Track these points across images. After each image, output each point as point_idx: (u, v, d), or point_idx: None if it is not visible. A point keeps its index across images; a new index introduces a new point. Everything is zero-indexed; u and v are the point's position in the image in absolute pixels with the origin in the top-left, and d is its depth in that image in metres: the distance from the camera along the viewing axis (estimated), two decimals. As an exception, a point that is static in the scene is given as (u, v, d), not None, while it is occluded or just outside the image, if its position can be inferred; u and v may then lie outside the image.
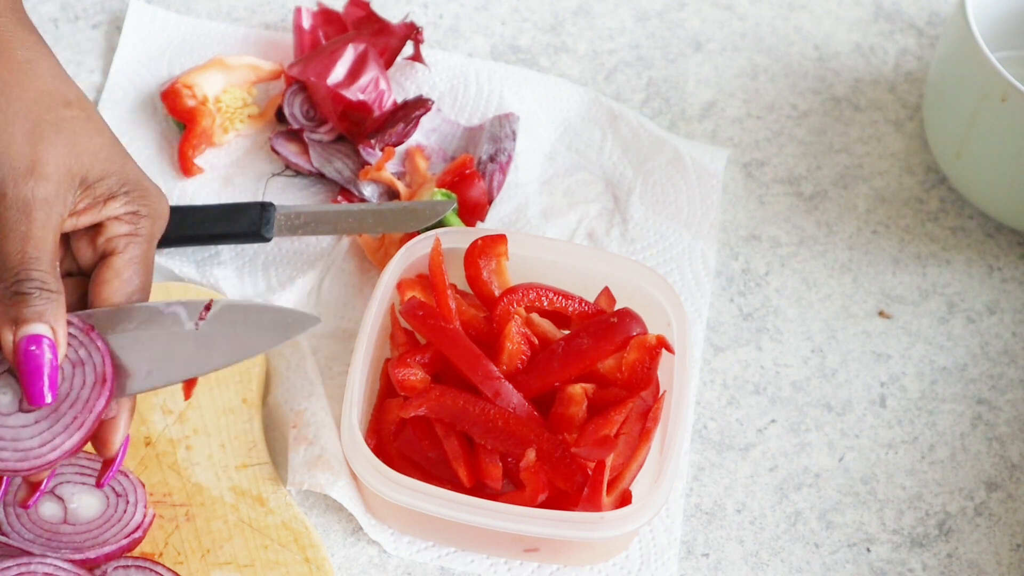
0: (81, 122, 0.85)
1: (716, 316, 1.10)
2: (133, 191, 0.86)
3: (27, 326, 0.80)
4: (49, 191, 0.81)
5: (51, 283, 0.81)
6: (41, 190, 0.81)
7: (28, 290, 0.80)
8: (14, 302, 0.80)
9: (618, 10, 1.27)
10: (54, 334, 0.80)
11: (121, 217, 0.85)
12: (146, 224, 0.86)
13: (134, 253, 0.85)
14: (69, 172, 0.83)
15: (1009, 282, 1.14)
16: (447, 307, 0.99)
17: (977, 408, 1.07)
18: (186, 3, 1.22)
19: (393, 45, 1.16)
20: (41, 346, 0.80)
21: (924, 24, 1.29)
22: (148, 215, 0.86)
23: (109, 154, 0.85)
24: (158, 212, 0.87)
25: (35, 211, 0.81)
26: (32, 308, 0.80)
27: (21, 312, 0.80)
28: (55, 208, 0.82)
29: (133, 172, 0.86)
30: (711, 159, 1.16)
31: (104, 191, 0.85)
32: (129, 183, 0.86)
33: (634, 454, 0.96)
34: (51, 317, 0.80)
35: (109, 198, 0.85)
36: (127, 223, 0.85)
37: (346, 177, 1.11)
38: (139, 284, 0.85)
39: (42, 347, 0.80)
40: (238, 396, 1.00)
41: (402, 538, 0.97)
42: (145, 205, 0.86)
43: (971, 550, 1.01)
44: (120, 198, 0.85)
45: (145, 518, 0.92)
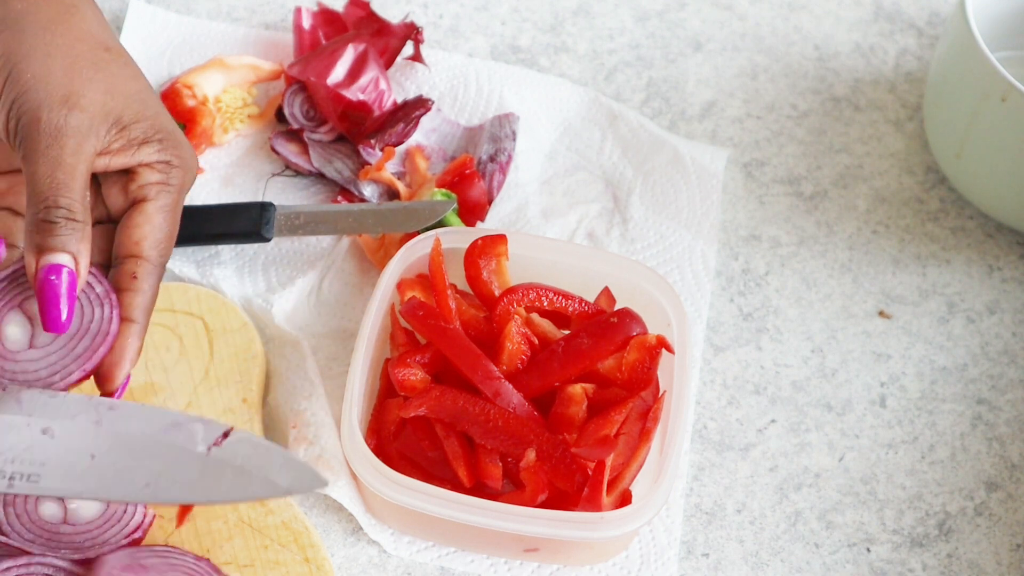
0: (119, 66, 0.86)
1: (716, 316, 1.10)
2: (166, 140, 0.87)
3: (50, 255, 0.81)
4: (83, 121, 0.83)
5: (78, 212, 0.82)
6: (74, 119, 0.82)
7: (55, 219, 0.81)
8: (40, 229, 0.81)
9: (618, 10, 1.27)
10: (76, 264, 0.82)
11: (153, 165, 0.86)
12: (177, 175, 0.87)
13: (165, 201, 0.87)
14: (104, 108, 0.84)
15: (1009, 282, 1.14)
16: (447, 307, 0.99)
17: (977, 408, 1.07)
18: (186, 3, 1.22)
19: (393, 45, 1.16)
20: (60, 275, 0.81)
21: (924, 24, 1.29)
22: (180, 166, 0.87)
23: (145, 100, 0.87)
24: (189, 165, 0.88)
25: (67, 138, 0.82)
26: (57, 238, 0.81)
27: (46, 240, 0.81)
28: (88, 139, 0.83)
29: (167, 122, 0.88)
30: (711, 159, 1.16)
31: (138, 134, 0.85)
32: (163, 131, 0.87)
33: (634, 454, 0.96)
34: (75, 247, 0.82)
35: (143, 142, 0.86)
36: (159, 171, 0.87)
37: (346, 177, 1.11)
38: (167, 233, 0.87)
39: (61, 276, 0.81)
40: (238, 396, 1.00)
41: (402, 538, 0.97)
42: (178, 156, 0.87)
43: (971, 550, 1.01)
44: (153, 144, 0.86)
45: (145, 519, 0.92)
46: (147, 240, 0.86)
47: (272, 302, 1.05)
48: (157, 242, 0.86)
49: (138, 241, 0.86)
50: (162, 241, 0.86)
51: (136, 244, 0.86)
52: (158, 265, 0.86)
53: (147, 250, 0.86)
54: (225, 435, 0.82)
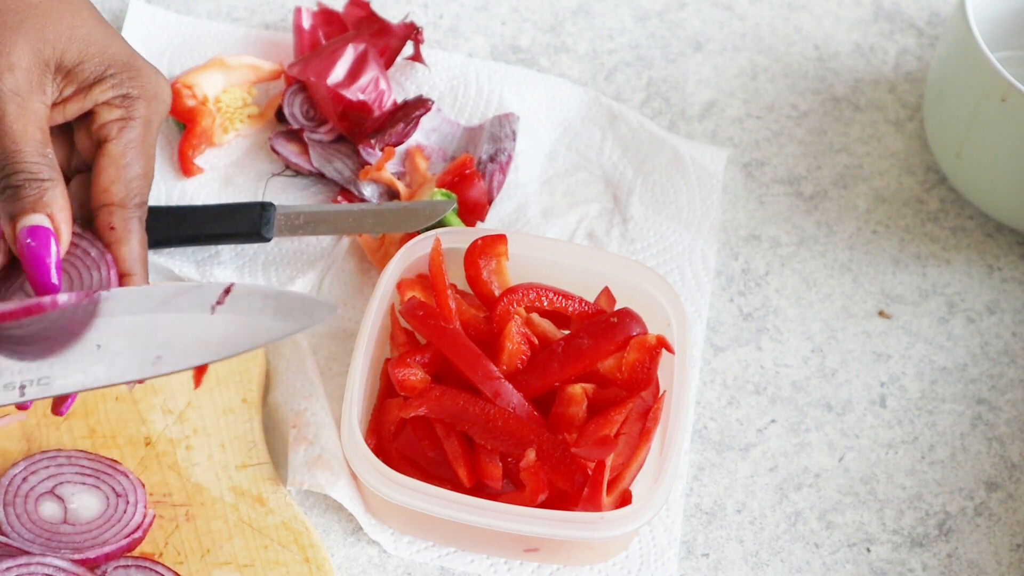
0: (52, 7, 0.81)
1: (716, 316, 1.10)
2: (121, 72, 0.82)
3: (23, 218, 0.78)
4: (18, 81, 0.79)
5: (42, 172, 0.79)
6: (7, 82, 0.79)
7: (17, 183, 0.78)
8: (6, 197, 0.79)
9: (618, 10, 1.27)
10: (52, 222, 0.79)
11: (111, 102, 0.82)
12: (140, 106, 0.82)
13: (129, 137, 0.82)
14: (40, 59, 0.80)
15: (1009, 282, 1.14)
16: (447, 307, 0.99)
17: (977, 408, 1.07)
18: (186, 3, 1.22)
19: (393, 45, 1.16)
20: (38, 236, 0.78)
21: (924, 24, 1.29)
22: (141, 96, 0.83)
23: (87, 35, 0.82)
24: (153, 92, 0.83)
25: (5, 104, 0.79)
26: (23, 200, 0.78)
27: (15, 206, 0.78)
28: (29, 98, 0.79)
29: (120, 52, 0.83)
30: (711, 159, 1.16)
31: (88, 75, 0.81)
32: (115, 64, 0.82)
33: (634, 454, 0.96)
34: (46, 205, 0.78)
35: (95, 82, 0.81)
36: (118, 107, 0.82)
37: (346, 177, 1.11)
38: (139, 170, 0.82)
39: (39, 237, 0.78)
40: (238, 396, 1.00)
41: (402, 538, 0.97)
42: (137, 86, 0.82)
43: (971, 550, 1.01)
44: (107, 81, 0.82)
45: (145, 519, 0.92)
46: (116, 184, 0.81)
47: (273, 301, 1.05)
48: (127, 183, 0.82)
49: (107, 188, 0.81)
50: (133, 180, 0.82)
51: (105, 191, 0.81)
52: (134, 207, 0.82)
53: (118, 194, 0.82)
54: (226, 292, 0.80)
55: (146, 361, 0.79)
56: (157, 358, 0.79)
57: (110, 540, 0.91)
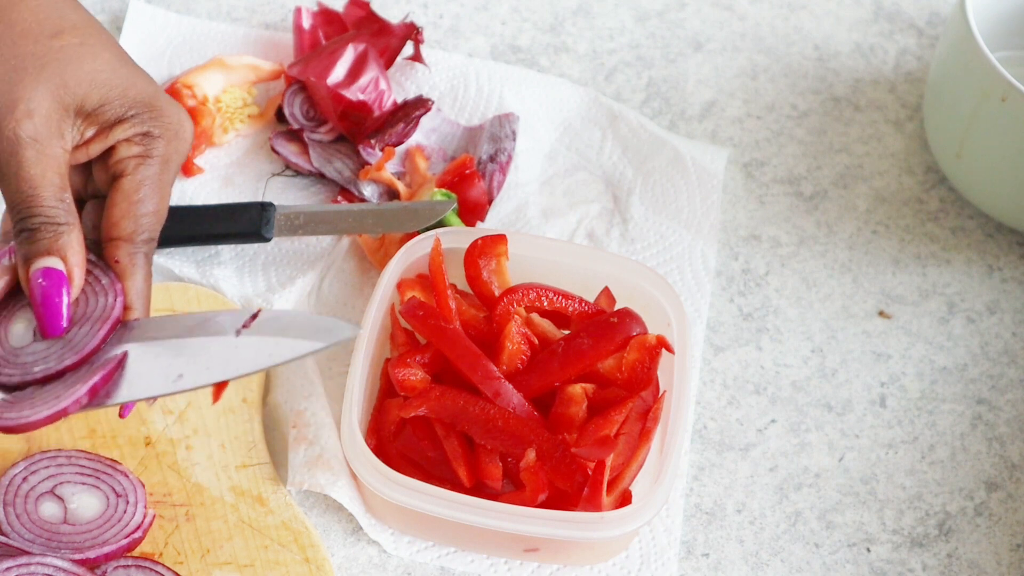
0: (72, 50, 0.82)
1: (716, 316, 1.10)
2: (143, 112, 0.83)
3: (37, 261, 0.80)
4: (37, 128, 0.80)
5: (58, 216, 0.80)
6: (26, 128, 0.80)
7: (33, 226, 0.80)
8: (22, 239, 0.80)
9: (618, 10, 1.27)
10: (65, 264, 0.80)
11: (131, 139, 0.83)
12: (159, 145, 0.84)
13: (145, 174, 0.83)
14: (60, 105, 0.81)
15: (1009, 282, 1.14)
16: (447, 307, 0.99)
17: (977, 408, 1.07)
18: (186, 3, 1.22)
19: (393, 45, 1.16)
20: (50, 278, 0.79)
21: (924, 24, 1.29)
22: (162, 135, 0.84)
23: (107, 79, 0.83)
24: (174, 131, 0.84)
25: (23, 150, 0.80)
26: (39, 243, 0.80)
27: (30, 248, 0.80)
28: (47, 144, 0.80)
29: (142, 93, 0.84)
30: (711, 159, 1.16)
31: (110, 116, 0.82)
32: (137, 104, 0.83)
33: (634, 454, 0.96)
34: (61, 249, 0.80)
35: (116, 122, 0.83)
36: (137, 144, 0.83)
37: (346, 177, 1.11)
38: (151, 207, 0.83)
39: (51, 279, 0.79)
40: (238, 396, 1.00)
41: (402, 538, 0.97)
42: (158, 125, 0.83)
43: (971, 550, 1.01)
44: (129, 121, 0.83)
45: (145, 519, 0.92)
46: (126, 219, 0.82)
47: (272, 302, 1.05)
48: (137, 218, 0.82)
49: (116, 222, 0.82)
50: (143, 217, 0.83)
51: (115, 225, 0.83)
52: (142, 243, 0.83)
53: (126, 229, 0.83)
54: (254, 317, 0.81)
55: (169, 378, 0.81)
56: (179, 376, 0.81)
57: (110, 540, 0.91)
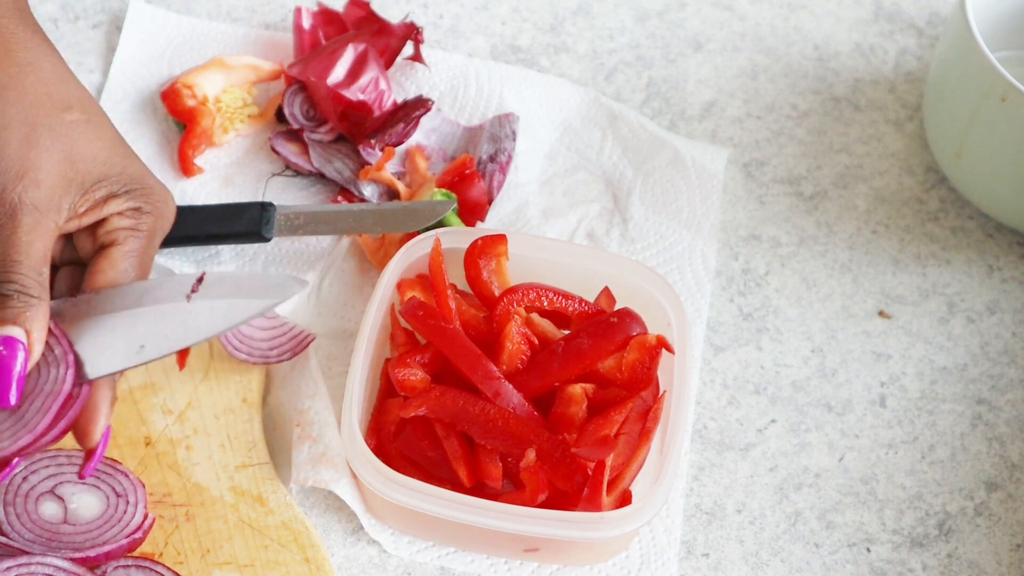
0: (80, 126, 0.85)
1: (716, 316, 1.10)
2: (136, 190, 0.86)
3: (1, 327, 0.80)
4: (40, 197, 0.82)
5: (32, 288, 0.81)
6: (31, 195, 0.81)
7: (7, 292, 0.80)
8: None
9: (618, 10, 1.27)
10: (28, 338, 0.80)
11: (123, 212, 0.85)
12: (148, 220, 0.86)
13: (133, 246, 0.85)
14: (64, 179, 0.83)
15: (1009, 282, 1.14)
16: (447, 307, 0.99)
17: (977, 408, 1.07)
18: (186, 3, 1.22)
19: (393, 45, 1.16)
20: (10, 347, 0.79)
21: (924, 24, 1.29)
22: (151, 212, 0.86)
23: (108, 157, 0.85)
24: (161, 210, 0.87)
25: (22, 216, 0.81)
26: (7, 311, 0.80)
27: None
28: (46, 215, 0.82)
29: (136, 171, 0.86)
30: (711, 159, 1.16)
31: (103, 193, 0.85)
32: (131, 182, 0.86)
33: (634, 454, 0.96)
34: (27, 321, 0.80)
35: (109, 197, 0.85)
36: (129, 218, 0.86)
37: (346, 177, 1.11)
38: (134, 277, 0.85)
39: (10, 348, 0.79)
40: (238, 396, 1.00)
41: (402, 538, 0.97)
42: (148, 202, 0.86)
43: (971, 550, 1.01)
44: (122, 197, 0.85)
45: (145, 520, 0.92)
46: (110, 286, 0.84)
47: (272, 302, 1.05)
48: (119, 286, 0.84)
49: (100, 286, 0.84)
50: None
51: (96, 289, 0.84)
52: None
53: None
54: (199, 280, 0.83)
55: (131, 351, 0.82)
56: (141, 347, 0.82)
57: (110, 540, 0.91)
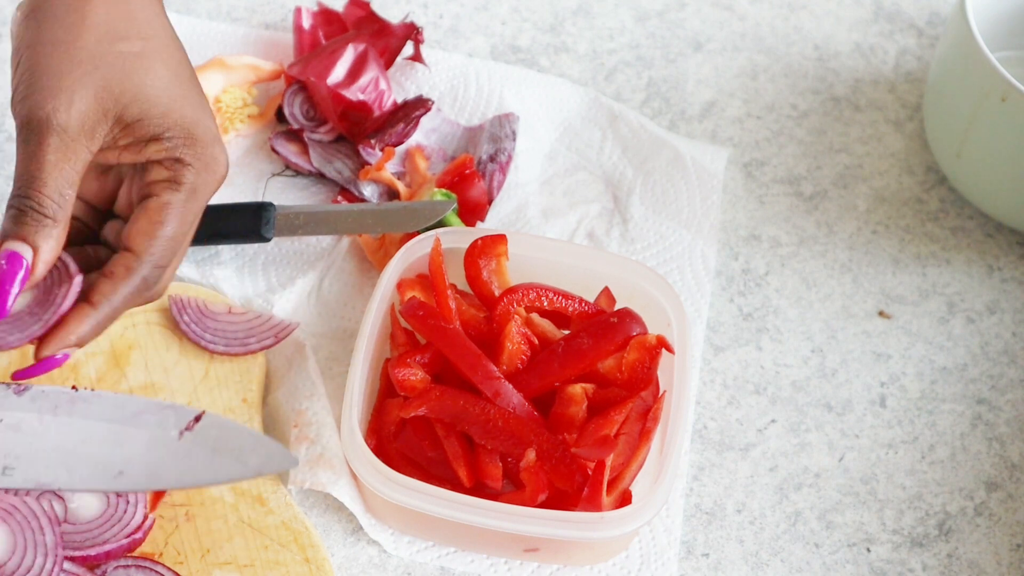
0: (131, 59, 0.83)
1: (716, 316, 1.10)
2: (178, 136, 0.84)
3: (10, 242, 0.79)
4: (70, 121, 0.80)
5: (48, 208, 0.80)
6: (61, 117, 0.80)
7: (23, 207, 0.80)
8: (8, 216, 0.80)
9: (618, 10, 1.27)
10: (34, 256, 0.80)
11: (162, 162, 0.84)
12: (189, 174, 0.84)
13: (170, 199, 0.83)
14: (100, 107, 0.82)
15: (1009, 282, 1.14)
16: (447, 307, 0.99)
17: (977, 408, 1.08)
18: (186, 3, 1.22)
19: (393, 45, 1.16)
20: (13, 262, 0.79)
21: (924, 24, 1.29)
22: (192, 164, 0.84)
23: (154, 94, 0.83)
24: (206, 163, 0.84)
25: (49, 136, 0.80)
26: (22, 227, 0.79)
27: (9, 227, 0.80)
28: (76, 139, 0.81)
29: (183, 118, 0.84)
30: (711, 159, 1.16)
31: (144, 132, 0.83)
32: (175, 127, 0.84)
33: (634, 454, 0.96)
34: (37, 239, 0.80)
35: (151, 139, 0.83)
36: (168, 168, 0.84)
37: (346, 177, 1.11)
38: (170, 232, 0.83)
39: (13, 263, 0.79)
40: (238, 396, 1.00)
41: (402, 538, 0.97)
42: (190, 154, 0.84)
43: (971, 550, 1.01)
44: (163, 141, 0.83)
45: (146, 520, 0.92)
46: (141, 235, 0.83)
47: (272, 302, 1.05)
48: (152, 239, 0.83)
49: (132, 235, 0.83)
50: (158, 239, 0.83)
51: (129, 237, 0.83)
52: (147, 264, 0.83)
53: (138, 245, 0.83)
54: (197, 419, 0.82)
55: (108, 474, 0.82)
56: (119, 473, 0.82)
57: (110, 540, 0.91)
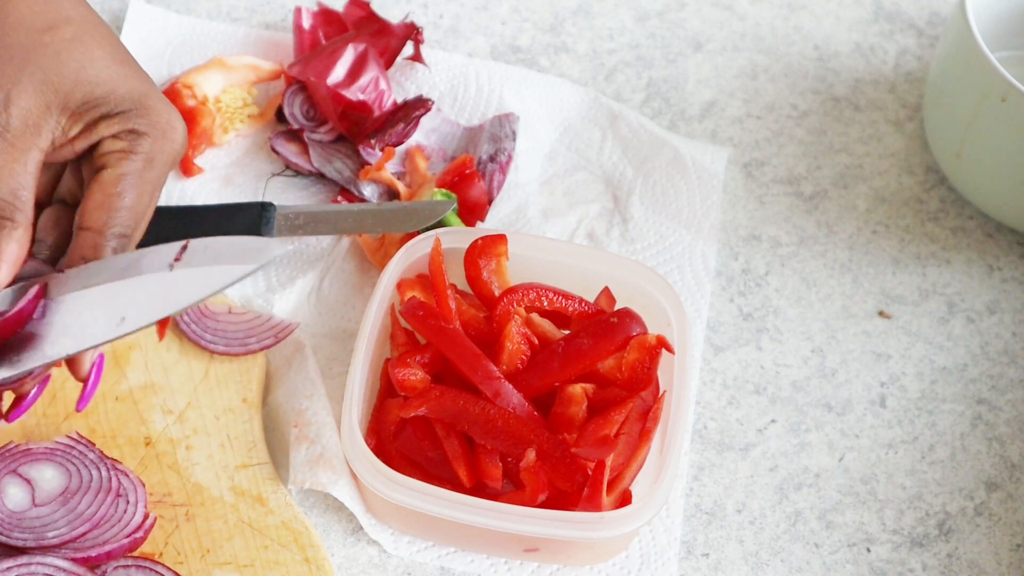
0: (63, 45, 0.81)
1: (716, 316, 1.10)
2: (130, 109, 0.81)
3: None
4: (12, 120, 0.79)
5: (5, 210, 0.79)
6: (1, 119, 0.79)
7: None
8: None
9: (618, 10, 1.27)
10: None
11: (117, 135, 0.82)
12: (145, 143, 0.82)
13: (126, 169, 0.81)
14: (42, 102, 0.80)
15: (1009, 282, 1.14)
16: (447, 307, 0.99)
17: (977, 408, 1.07)
18: (186, 3, 1.22)
19: (393, 45, 1.16)
20: None
21: (924, 24, 1.29)
22: (148, 133, 0.82)
23: (96, 75, 0.81)
24: (162, 131, 0.82)
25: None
26: None
27: None
28: (22, 137, 0.79)
29: (132, 91, 0.82)
30: (711, 159, 1.16)
31: (95, 115, 0.81)
32: (125, 101, 0.82)
33: (634, 454, 0.96)
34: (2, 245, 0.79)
35: (100, 119, 0.81)
36: (122, 140, 0.81)
37: (346, 177, 1.11)
38: (129, 203, 0.81)
39: None
40: (238, 396, 1.00)
41: (402, 538, 0.97)
42: (144, 124, 0.82)
43: (971, 550, 1.01)
44: (114, 117, 0.81)
45: (146, 519, 0.92)
46: (100, 209, 0.80)
47: (272, 302, 1.05)
48: (111, 211, 0.81)
49: (89, 211, 0.81)
50: (118, 210, 0.81)
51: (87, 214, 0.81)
52: (113, 237, 0.81)
53: (98, 220, 0.81)
54: (184, 248, 0.80)
55: (111, 324, 0.79)
56: (122, 319, 0.79)
57: (110, 540, 0.91)
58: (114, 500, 0.92)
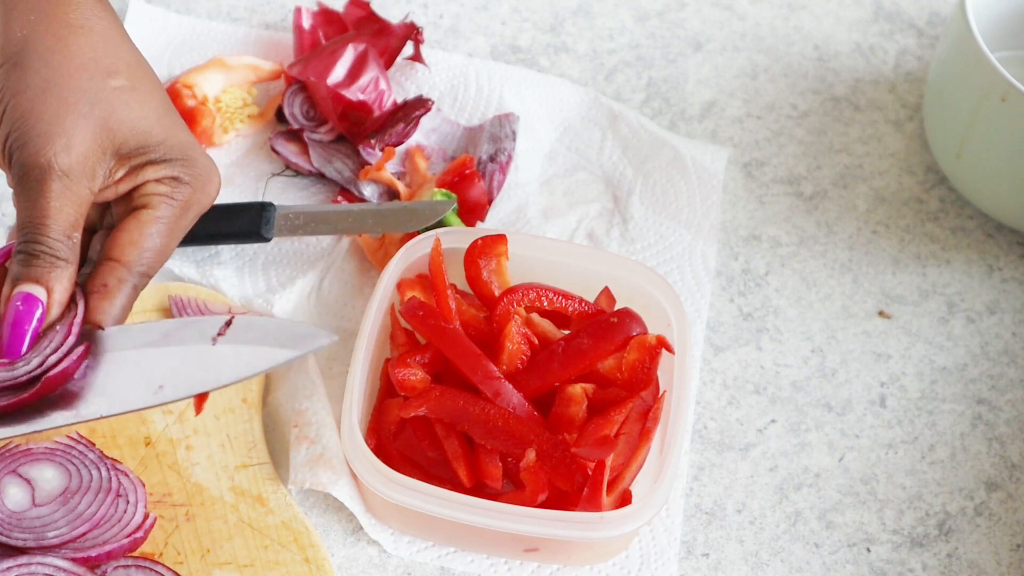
0: (124, 93, 0.84)
1: (716, 316, 1.10)
2: (176, 160, 0.85)
3: (23, 284, 0.80)
4: (71, 163, 0.81)
5: (60, 251, 0.81)
6: (62, 161, 0.81)
7: (33, 251, 0.81)
8: (19, 260, 0.81)
9: (618, 10, 1.27)
10: (49, 297, 0.81)
11: (161, 180, 0.85)
12: (185, 191, 0.85)
13: (164, 212, 0.84)
14: (99, 146, 0.82)
15: (1009, 282, 1.14)
16: (447, 307, 0.99)
17: (977, 408, 1.08)
18: (186, 3, 1.22)
19: (393, 45, 1.16)
20: (29, 303, 0.80)
21: (924, 24, 1.29)
22: (189, 183, 0.85)
23: (150, 126, 0.85)
24: (201, 183, 0.86)
25: (51, 181, 0.81)
26: (32, 269, 0.80)
27: (22, 270, 0.81)
28: (77, 180, 0.82)
29: (179, 142, 0.85)
30: (711, 159, 1.16)
31: (141, 160, 0.84)
32: (172, 152, 0.85)
33: (634, 454, 0.96)
34: (50, 281, 0.81)
35: (147, 164, 0.84)
36: (165, 184, 0.85)
37: (346, 177, 1.11)
38: (158, 245, 0.84)
39: (29, 304, 0.80)
40: (238, 396, 1.00)
41: (402, 538, 0.97)
42: (188, 173, 0.85)
43: (971, 550, 1.01)
44: (160, 165, 0.85)
45: (146, 519, 0.92)
46: (131, 246, 0.83)
47: (272, 302, 1.05)
48: (142, 251, 0.84)
49: (121, 245, 0.83)
50: (148, 251, 0.84)
51: (118, 247, 0.84)
52: (136, 274, 0.84)
53: (127, 255, 0.83)
54: (227, 324, 0.82)
55: (148, 391, 0.82)
56: (159, 387, 0.81)
57: (110, 540, 0.91)
58: (114, 500, 0.92)
